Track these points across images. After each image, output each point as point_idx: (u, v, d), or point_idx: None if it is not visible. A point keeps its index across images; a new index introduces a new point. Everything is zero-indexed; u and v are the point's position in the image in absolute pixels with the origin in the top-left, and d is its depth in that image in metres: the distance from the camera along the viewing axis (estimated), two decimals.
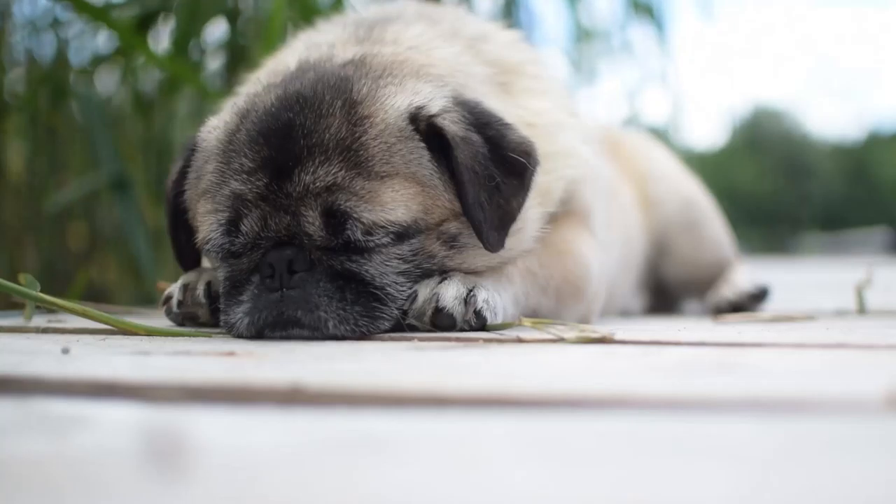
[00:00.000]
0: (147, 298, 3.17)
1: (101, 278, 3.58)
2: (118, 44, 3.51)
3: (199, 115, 3.34)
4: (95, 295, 3.07)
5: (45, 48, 3.62)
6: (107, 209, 3.66)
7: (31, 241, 3.30)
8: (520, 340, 1.59)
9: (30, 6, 3.55)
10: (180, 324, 1.91)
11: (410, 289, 1.71)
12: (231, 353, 1.41)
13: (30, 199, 3.35)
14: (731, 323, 2.25)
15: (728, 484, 0.69)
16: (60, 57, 3.53)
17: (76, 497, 0.67)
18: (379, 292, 1.68)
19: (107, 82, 3.86)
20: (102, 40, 3.77)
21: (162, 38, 3.66)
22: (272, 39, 2.87)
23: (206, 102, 3.34)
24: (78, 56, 3.83)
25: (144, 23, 3.47)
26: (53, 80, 3.50)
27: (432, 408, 0.97)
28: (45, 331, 1.83)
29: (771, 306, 2.93)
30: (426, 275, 1.73)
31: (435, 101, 1.75)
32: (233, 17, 3.52)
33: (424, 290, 1.70)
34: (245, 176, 1.69)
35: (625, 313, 2.85)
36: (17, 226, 3.32)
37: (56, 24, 3.54)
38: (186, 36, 3.33)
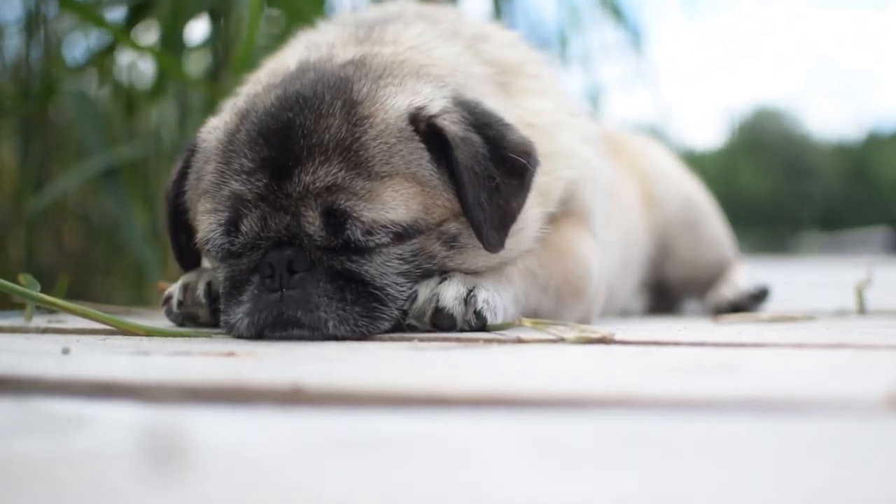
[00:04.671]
0: (141, 288, 3.18)
1: (94, 280, 3.58)
2: (107, 41, 3.51)
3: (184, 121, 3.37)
4: (87, 296, 3.06)
5: (34, 49, 3.61)
6: (101, 208, 3.67)
7: (17, 239, 3.29)
8: (520, 341, 1.59)
9: (17, 7, 3.55)
10: (180, 324, 1.91)
11: (410, 289, 1.71)
12: (231, 354, 1.41)
13: (21, 197, 3.35)
14: (731, 323, 2.25)
15: (728, 484, 0.69)
16: (49, 55, 3.52)
17: (76, 497, 0.67)
18: (379, 292, 1.68)
19: (91, 86, 3.85)
20: (93, 40, 3.77)
21: (147, 39, 3.67)
22: (251, 36, 2.88)
23: (189, 109, 3.36)
24: (70, 54, 3.84)
25: (131, 20, 3.47)
26: (43, 78, 3.51)
27: (432, 408, 0.97)
28: (45, 331, 1.83)
29: (771, 306, 2.93)
30: (426, 275, 1.73)
31: (435, 101, 1.75)
32: (216, 15, 3.52)
33: (424, 291, 1.70)
34: (245, 176, 1.69)
35: (625, 313, 2.85)
36: (9, 224, 3.32)
37: (44, 22, 3.53)
38: (171, 32, 3.33)
